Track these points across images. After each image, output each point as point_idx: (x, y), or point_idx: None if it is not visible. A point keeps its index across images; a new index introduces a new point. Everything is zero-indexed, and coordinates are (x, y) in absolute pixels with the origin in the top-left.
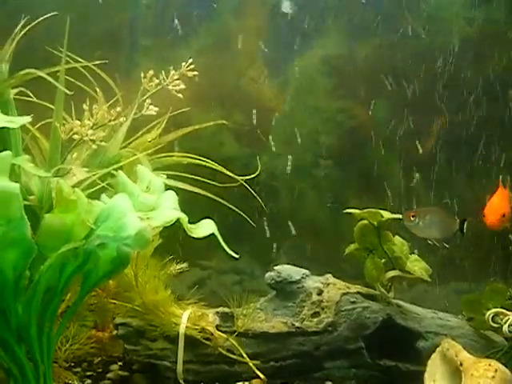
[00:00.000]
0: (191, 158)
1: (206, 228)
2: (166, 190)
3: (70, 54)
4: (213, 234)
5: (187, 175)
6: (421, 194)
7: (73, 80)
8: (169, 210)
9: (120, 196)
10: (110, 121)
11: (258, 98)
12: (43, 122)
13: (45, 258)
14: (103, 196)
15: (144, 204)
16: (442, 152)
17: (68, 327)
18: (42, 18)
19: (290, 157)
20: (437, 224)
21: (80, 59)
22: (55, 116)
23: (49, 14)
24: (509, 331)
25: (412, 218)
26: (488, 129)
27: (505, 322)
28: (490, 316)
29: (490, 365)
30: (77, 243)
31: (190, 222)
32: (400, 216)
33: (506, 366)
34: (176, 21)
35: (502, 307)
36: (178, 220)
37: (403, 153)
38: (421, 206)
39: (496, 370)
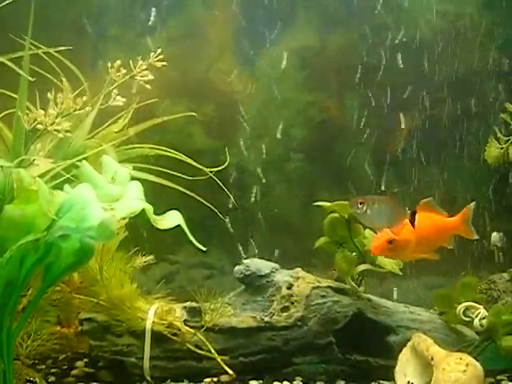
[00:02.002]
0: (159, 149)
1: (172, 219)
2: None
3: (34, 42)
4: (180, 227)
5: (154, 167)
6: (391, 187)
7: (37, 69)
8: (134, 200)
9: (83, 186)
10: (75, 110)
11: (227, 89)
12: (6, 112)
13: (5, 250)
14: (66, 186)
15: (108, 195)
16: (413, 146)
17: (30, 323)
18: (3, 4)
19: (260, 150)
20: (385, 213)
21: (44, 47)
22: (18, 105)
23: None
24: (480, 325)
25: (360, 206)
26: (461, 123)
27: (476, 316)
28: (462, 310)
29: (461, 359)
30: (38, 235)
31: (156, 214)
32: None
33: (477, 360)
34: (144, 10)
35: (473, 301)
36: (144, 211)
37: (374, 146)
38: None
39: (467, 364)
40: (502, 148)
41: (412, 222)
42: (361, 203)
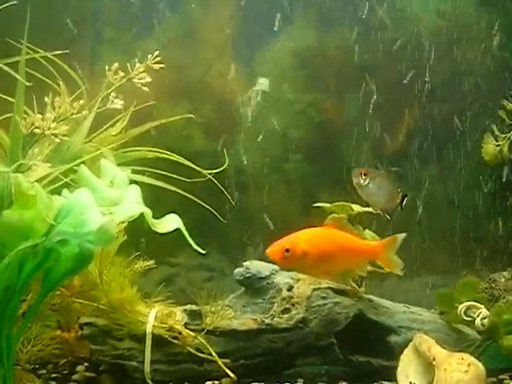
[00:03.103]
0: (158, 152)
1: (170, 223)
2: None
3: (30, 46)
4: (179, 230)
5: (153, 170)
6: None
7: (34, 73)
8: (132, 204)
9: (81, 191)
10: (72, 114)
11: (225, 91)
12: (4, 117)
13: (3, 255)
14: (64, 191)
15: (107, 199)
16: (412, 146)
17: (30, 328)
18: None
19: (258, 151)
20: (384, 190)
21: (41, 51)
22: (16, 109)
23: (7, 4)
24: (481, 324)
25: (363, 177)
26: (460, 121)
27: (477, 316)
28: (463, 310)
29: (463, 359)
30: (36, 240)
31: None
32: (370, 209)
33: (478, 360)
34: (141, 12)
35: (474, 300)
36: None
37: (373, 146)
38: None
39: (469, 364)
40: (498, 145)
41: (401, 203)
42: (364, 174)
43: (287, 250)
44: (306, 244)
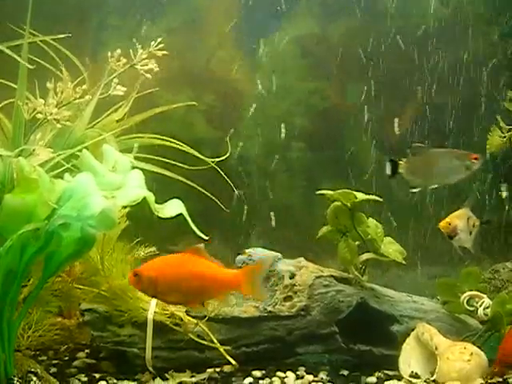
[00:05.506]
0: (160, 139)
1: (173, 208)
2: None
3: (33, 32)
4: (182, 215)
5: (156, 157)
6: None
7: (37, 59)
8: (135, 188)
9: (84, 175)
10: (75, 99)
11: (228, 78)
12: (5, 102)
13: (5, 239)
14: (66, 175)
15: (109, 183)
16: (415, 134)
17: (31, 313)
18: None
19: (261, 139)
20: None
21: (44, 36)
22: (18, 94)
23: None
24: (484, 314)
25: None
26: (465, 111)
27: (480, 305)
28: (466, 299)
29: (465, 348)
30: (38, 224)
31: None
32: (374, 197)
33: (480, 349)
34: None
35: (476, 290)
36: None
37: (377, 134)
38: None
39: (472, 354)
40: (504, 137)
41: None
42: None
43: (135, 275)
44: (155, 271)
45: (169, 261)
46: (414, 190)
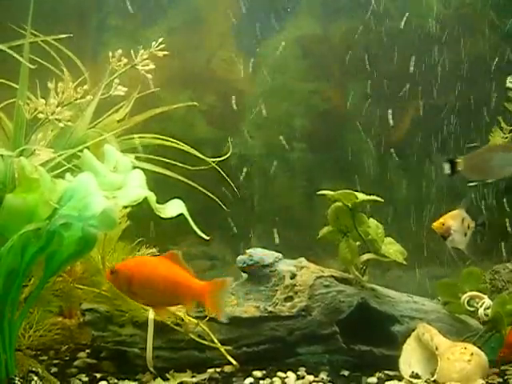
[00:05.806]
0: (161, 139)
1: (174, 208)
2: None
3: (34, 32)
4: (182, 215)
5: (157, 157)
6: (394, 176)
7: (38, 59)
8: (136, 188)
9: (85, 175)
10: (76, 99)
11: (229, 79)
12: (6, 102)
13: (6, 239)
14: (68, 175)
15: (110, 183)
16: (416, 135)
17: (32, 313)
18: None
19: (262, 139)
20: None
21: (45, 37)
22: (19, 94)
23: None
24: (484, 314)
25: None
26: (465, 112)
27: (480, 306)
28: (466, 299)
29: (465, 348)
30: (39, 223)
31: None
32: (375, 198)
33: (481, 350)
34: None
35: (477, 291)
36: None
37: (377, 135)
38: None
39: (472, 354)
40: (506, 137)
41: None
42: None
43: (112, 272)
44: (131, 269)
45: (145, 262)
46: (472, 184)
